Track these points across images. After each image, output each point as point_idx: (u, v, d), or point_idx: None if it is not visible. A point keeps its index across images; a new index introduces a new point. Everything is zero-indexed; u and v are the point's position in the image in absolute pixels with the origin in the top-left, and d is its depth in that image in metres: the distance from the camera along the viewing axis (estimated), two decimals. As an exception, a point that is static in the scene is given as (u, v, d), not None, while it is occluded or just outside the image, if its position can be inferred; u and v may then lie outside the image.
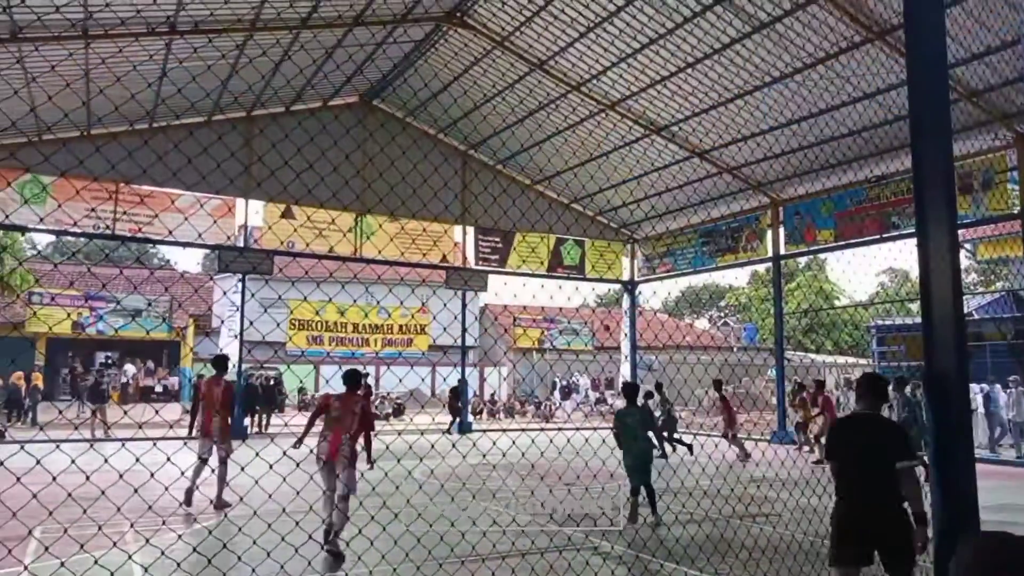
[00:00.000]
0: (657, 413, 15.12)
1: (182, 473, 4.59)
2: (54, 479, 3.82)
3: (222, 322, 22.26)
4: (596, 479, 9.75)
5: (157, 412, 7.58)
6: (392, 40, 16.79)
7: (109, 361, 29.98)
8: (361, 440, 6.97)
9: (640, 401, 9.52)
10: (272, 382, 23.27)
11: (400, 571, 5.37)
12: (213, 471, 9.07)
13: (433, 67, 18.25)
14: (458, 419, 21.50)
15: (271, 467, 4.31)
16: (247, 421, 19.48)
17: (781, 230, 20.00)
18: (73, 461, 3.78)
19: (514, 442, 7.06)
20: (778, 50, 14.25)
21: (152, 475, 4.00)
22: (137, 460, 4.09)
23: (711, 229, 22.04)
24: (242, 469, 5.04)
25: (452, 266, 21.81)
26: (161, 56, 14.48)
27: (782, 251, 20.13)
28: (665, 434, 15.21)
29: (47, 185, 16.74)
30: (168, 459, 4.36)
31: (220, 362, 9.43)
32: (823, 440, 13.93)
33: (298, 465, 4.95)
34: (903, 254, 20.22)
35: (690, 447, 14.75)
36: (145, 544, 6.65)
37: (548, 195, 23.46)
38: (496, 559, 6.31)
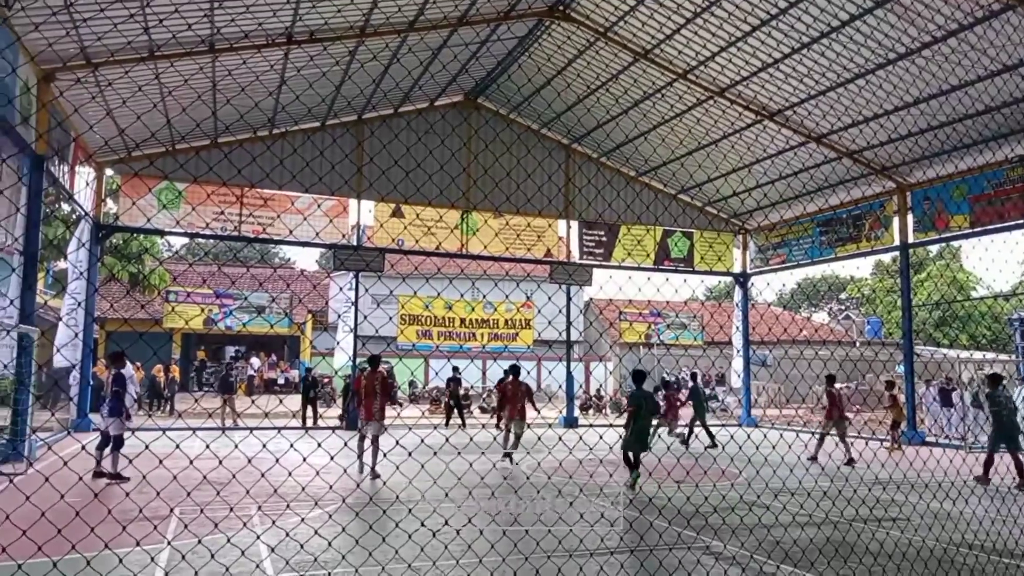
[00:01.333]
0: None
1: (332, 458, 4.85)
2: (191, 462, 4.13)
3: (338, 316, 23.24)
4: (707, 475, 9.51)
5: (281, 402, 8.04)
6: (496, 38, 16.97)
7: (238, 354, 32.07)
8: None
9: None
10: (386, 374, 24.08)
11: (509, 561, 5.43)
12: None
13: (536, 62, 18.29)
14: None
15: (385, 455, 4.47)
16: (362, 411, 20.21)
17: (909, 217, 18.72)
18: (208, 446, 4.06)
19: (621, 437, 6.99)
20: (903, 24, 13.29)
21: (277, 461, 4.23)
22: (264, 447, 4.35)
23: (830, 217, 20.94)
24: (331, 458, 5.24)
25: (556, 260, 21.83)
26: (280, 65, 15.28)
27: (910, 239, 18.83)
28: (698, 422, 15.31)
29: (181, 191, 18.10)
30: (291, 446, 4.61)
31: (375, 360, 11.48)
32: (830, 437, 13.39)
33: (410, 454, 5.11)
34: (1051, 240, 18.44)
35: (686, 443, 14.97)
36: (271, 526, 7.07)
37: (654, 186, 23.03)
38: (604, 554, 6.26)
